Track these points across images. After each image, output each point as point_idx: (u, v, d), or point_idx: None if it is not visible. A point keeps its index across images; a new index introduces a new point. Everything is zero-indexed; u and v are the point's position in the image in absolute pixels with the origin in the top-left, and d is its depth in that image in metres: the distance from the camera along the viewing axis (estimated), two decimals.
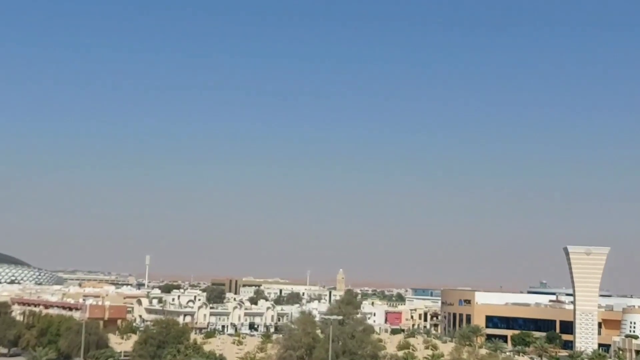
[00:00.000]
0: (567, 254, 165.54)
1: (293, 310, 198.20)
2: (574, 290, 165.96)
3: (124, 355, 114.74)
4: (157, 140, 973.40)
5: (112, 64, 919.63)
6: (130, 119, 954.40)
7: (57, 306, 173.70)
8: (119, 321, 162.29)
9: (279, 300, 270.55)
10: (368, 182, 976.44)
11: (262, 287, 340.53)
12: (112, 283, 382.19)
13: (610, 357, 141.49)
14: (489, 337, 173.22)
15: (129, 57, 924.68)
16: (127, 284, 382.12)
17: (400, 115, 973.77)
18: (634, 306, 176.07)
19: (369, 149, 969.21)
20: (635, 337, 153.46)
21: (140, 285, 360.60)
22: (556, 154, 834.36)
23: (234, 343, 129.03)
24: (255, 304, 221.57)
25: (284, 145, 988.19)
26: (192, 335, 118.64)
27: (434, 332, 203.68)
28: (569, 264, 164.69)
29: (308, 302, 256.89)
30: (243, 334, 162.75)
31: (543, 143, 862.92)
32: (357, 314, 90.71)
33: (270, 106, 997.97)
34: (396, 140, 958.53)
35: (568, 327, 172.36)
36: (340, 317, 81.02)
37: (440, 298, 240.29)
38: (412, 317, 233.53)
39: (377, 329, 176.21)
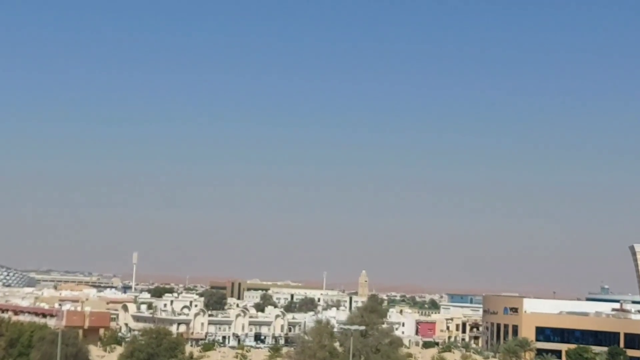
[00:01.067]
0: (633, 253, 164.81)
1: (307, 318, 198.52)
2: None
3: None
4: (148, 123, 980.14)
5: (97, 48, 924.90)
6: (116, 102, 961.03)
7: (29, 312, 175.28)
8: (101, 330, 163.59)
9: (290, 307, 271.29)
10: (395, 173, 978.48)
11: (270, 292, 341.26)
12: (94, 285, 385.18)
13: None
14: (540, 352, 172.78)
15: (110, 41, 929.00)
16: (111, 287, 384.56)
17: (442, 105, 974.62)
18: None
19: (396, 136, 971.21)
20: None
21: (126, 289, 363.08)
22: (618, 144, 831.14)
23: (236, 357, 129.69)
24: (262, 311, 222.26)
25: (296, 131, 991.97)
26: (188, 348, 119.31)
27: (473, 345, 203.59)
28: (636, 265, 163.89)
29: (324, 309, 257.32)
30: (247, 346, 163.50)
31: (602, 135, 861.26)
32: (383, 323, 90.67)
33: (288, 89, 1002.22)
34: (432, 129, 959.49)
35: (634, 340, 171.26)
36: (363, 328, 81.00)
37: (481, 306, 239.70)
38: (447, 327, 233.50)
39: (406, 341, 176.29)
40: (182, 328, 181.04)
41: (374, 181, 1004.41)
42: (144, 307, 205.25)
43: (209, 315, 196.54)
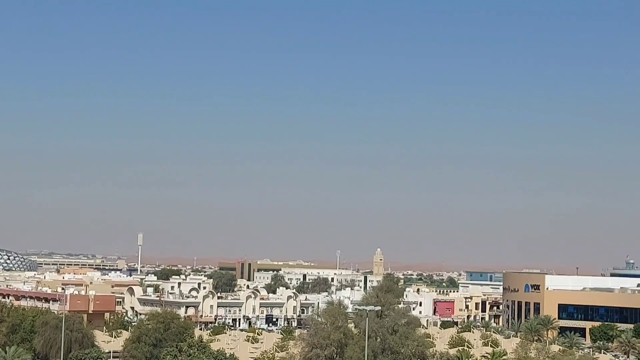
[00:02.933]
0: None
1: (320, 299, 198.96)
2: None
3: (113, 356, 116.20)
4: (153, 100, 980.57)
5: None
6: (118, 80, 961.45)
7: (31, 297, 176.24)
8: (106, 315, 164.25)
9: (302, 288, 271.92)
10: (411, 148, 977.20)
11: (281, 272, 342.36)
12: (98, 268, 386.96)
13: None
14: (563, 330, 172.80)
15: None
16: (116, 270, 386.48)
17: (458, 78, 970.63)
18: None
19: (413, 111, 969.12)
20: None
21: (131, 271, 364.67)
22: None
23: (247, 340, 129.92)
24: (274, 292, 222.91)
25: (307, 107, 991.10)
26: (197, 331, 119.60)
27: (494, 324, 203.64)
28: None
29: (338, 289, 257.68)
30: (259, 329, 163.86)
31: (626, 108, 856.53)
32: (399, 303, 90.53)
33: (301, 64, 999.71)
34: (449, 103, 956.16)
35: None
36: (379, 308, 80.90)
37: (501, 283, 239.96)
38: (467, 306, 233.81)
39: (423, 321, 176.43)
40: (191, 311, 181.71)
41: (388, 157, 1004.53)
42: (150, 290, 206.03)
43: (218, 298, 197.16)
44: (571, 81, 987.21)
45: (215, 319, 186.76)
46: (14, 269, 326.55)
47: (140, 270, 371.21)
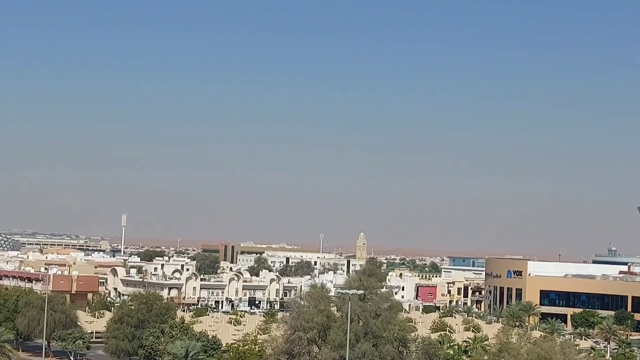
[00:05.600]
0: None
1: (303, 282, 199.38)
2: None
3: (96, 337, 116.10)
4: (139, 83, 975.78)
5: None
6: (106, 61, 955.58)
7: (14, 276, 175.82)
8: (89, 295, 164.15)
9: (285, 271, 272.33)
10: (394, 133, 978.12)
11: (264, 255, 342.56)
12: (81, 249, 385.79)
13: None
14: (544, 316, 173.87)
15: None
16: (99, 250, 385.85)
17: (442, 63, 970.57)
18: None
19: (397, 96, 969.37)
20: None
21: (115, 252, 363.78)
22: (625, 104, 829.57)
23: (230, 322, 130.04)
24: (257, 275, 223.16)
25: (291, 90, 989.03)
26: (179, 313, 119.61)
27: (476, 310, 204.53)
28: None
29: (321, 273, 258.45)
30: (241, 311, 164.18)
31: (607, 95, 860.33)
32: (382, 287, 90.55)
33: (285, 46, 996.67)
34: (433, 88, 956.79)
35: None
36: (361, 292, 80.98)
37: (484, 269, 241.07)
38: (449, 291, 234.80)
39: (406, 306, 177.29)
40: (174, 293, 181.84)
41: (372, 142, 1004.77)
42: (133, 271, 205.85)
43: (201, 280, 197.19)
44: (554, 68, 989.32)
45: (198, 301, 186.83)
46: None
47: (124, 252, 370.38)
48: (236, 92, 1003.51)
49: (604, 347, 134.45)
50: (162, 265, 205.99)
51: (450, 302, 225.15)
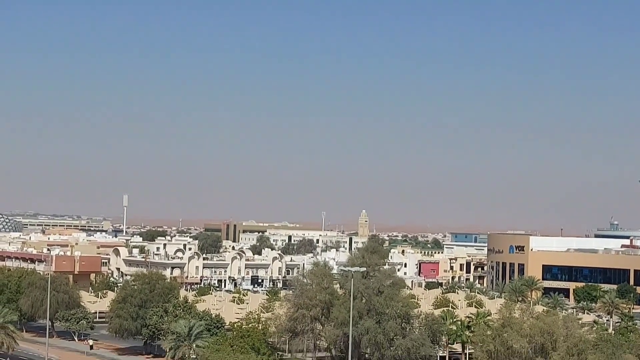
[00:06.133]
0: None
1: (305, 260, 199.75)
2: None
3: (99, 317, 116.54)
4: (138, 58, 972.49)
5: None
6: (103, 35, 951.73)
7: (16, 257, 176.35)
8: (92, 275, 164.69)
9: (287, 249, 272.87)
10: (395, 108, 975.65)
11: (266, 233, 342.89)
12: (83, 229, 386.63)
13: None
14: (547, 291, 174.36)
15: None
16: (101, 231, 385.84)
17: (441, 38, 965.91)
18: None
19: (398, 70, 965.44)
20: None
21: (117, 232, 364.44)
22: (627, 77, 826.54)
23: (233, 301, 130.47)
24: (259, 253, 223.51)
25: (293, 67, 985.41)
26: (182, 292, 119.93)
27: (478, 285, 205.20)
28: None
29: (323, 251, 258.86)
30: (244, 290, 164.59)
31: (610, 67, 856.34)
32: (384, 264, 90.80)
33: (286, 24, 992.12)
34: (432, 62, 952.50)
35: None
36: (364, 269, 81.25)
37: (486, 244, 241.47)
38: (451, 268, 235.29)
39: (408, 282, 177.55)
40: (176, 272, 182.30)
41: (373, 118, 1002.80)
42: (136, 251, 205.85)
43: (204, 259, 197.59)
44: (563, 39, 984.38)
45: (201, 280, 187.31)
46: None
47: (126, 232, 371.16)
48: (239, 66, 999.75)
49: (607, 320, 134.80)
50: (165, 245, 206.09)
51: (453, 278, 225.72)
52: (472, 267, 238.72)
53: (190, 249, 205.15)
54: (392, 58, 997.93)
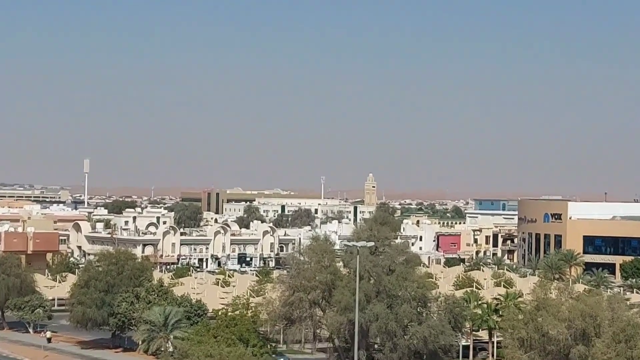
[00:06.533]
0: None
1: (302, 234, 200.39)
2: None
3: (58, 304, 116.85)
4: (103, 10, 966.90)
5: None
6: None
7: None
8: (48, 256, 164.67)
9: (280, 222, 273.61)
10: (406, 50, 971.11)
11: (255, 203, 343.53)
12: (37, 200, 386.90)
13: None
14: (589, 266, 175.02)
15: None
16: (59, 202, 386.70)
17: None
18: None
19: (411, 19, 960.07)
20: None
21: (77, 204, 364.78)
22: None
23: (217, 283, 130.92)
24: (247, 227, 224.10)
25: (286, 16, 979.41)
26: (156, 274, 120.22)
27: (507, 261, 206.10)
28: None
29: (323, 223, 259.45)
30: (230, 270, 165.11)
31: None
32: (396, 238, 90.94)
33: None
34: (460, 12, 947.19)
35: None
36: (372, 244, 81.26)
37: (516, 213, 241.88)
38: (475, 241, 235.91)
39: (424, 259, 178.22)
40: (149, 250, 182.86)
41: (380, 65, 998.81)
42: (100, 225, 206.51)
43: (181, 234, 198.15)
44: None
45: (178, 259, 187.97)
46: None
47: (88, 203, 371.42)
48: (219, 19, 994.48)
49: None
50: (134, 218, 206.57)
51: (477, 253, 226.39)
52: (500, 240, 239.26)
53: (164, 222, 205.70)
54: (400, 12, 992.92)
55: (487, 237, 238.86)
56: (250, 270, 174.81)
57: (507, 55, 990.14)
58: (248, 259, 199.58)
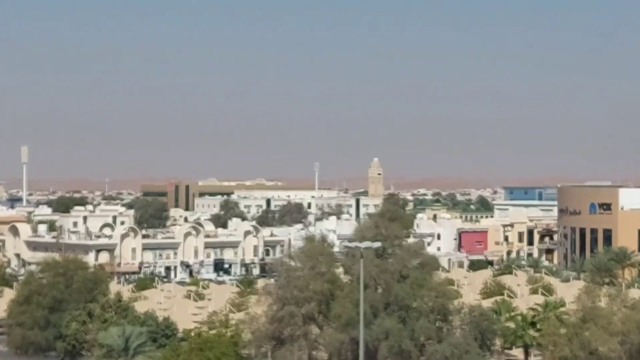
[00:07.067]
0: None
1: (292, 234, 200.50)
2: None
3: None
4: None
5: None
6: None
7: None
8: None
9: (265, 219, 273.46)
10: (419, 16, 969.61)
11: (234, 197, 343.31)
12: None
13: None
14: None
15: None
16: None
17: None
18: None
19: None
20: None
21: (14, 201, 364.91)
22: None
23: (188, 297, 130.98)
24: (224, 226, 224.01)
25: None
26: (114, 286, 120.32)
27: (546, 263, 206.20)
28: None
29: (318, 219, 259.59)
30: (204, 280, 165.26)
31: None
32: (408, 237, 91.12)
33: None
34: None
35: None
36: (379, 244, 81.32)
37: (555, 203, 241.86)
38: (506, 238, 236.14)
39: (444, 262, 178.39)
40: (104, 257, 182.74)
41: (387, 29, 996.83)
42: (42, 228, 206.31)
43: (144, 237, 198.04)
44: None
45: (140, 268, 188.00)
46: None
47: (27, 200, 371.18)
48: None
49: None
50: (85, 217, 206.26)
51: (509, 253, 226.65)
52: (537, 237, 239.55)
53: (122, 222, 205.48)
54: None
55: (520, 234, 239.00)
56: (230, 280, 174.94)
57: (541, 24, 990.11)
58: (226, 265, 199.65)
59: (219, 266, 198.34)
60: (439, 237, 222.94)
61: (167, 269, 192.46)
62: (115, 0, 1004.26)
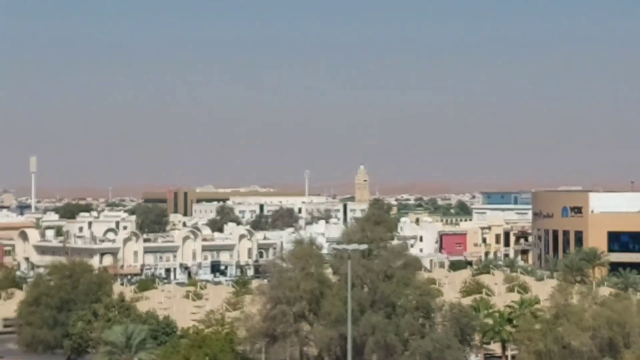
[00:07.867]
0: None
1: (284, 237, 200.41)
2: None
3: (4, 325, 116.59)
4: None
5: None
6: None
7: None
8: None
9: (259, 223, 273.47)
10: (399, 22, 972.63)
11: (229, 203, 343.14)
12: None
13: None
14: (615, 266, 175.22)
15: None
16: (1, 207, 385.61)
17: None
18: None
19: None
20: None
21: (23, 208, 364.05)
22: None
23: (187, 297, 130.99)
24: (220, 230, 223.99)
25: None
26: (117, 287, 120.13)
27: (521, 263, 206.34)
28: None
29: (308, 223, 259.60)
30: (202, 281, 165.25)
31: None
32: (393, 239, 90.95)
33: None
34: None
35: None
36: (365, 246, 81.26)
37: (530, 207, 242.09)
38: (484, 240, 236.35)
39: (426, 262, 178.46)
40: (108, 260, 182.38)
41: (370, 45, 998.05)
42: (50, 233, 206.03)
43: (145, 241, 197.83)
44: None
45: (142, 270, 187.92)
46: None
47: (36, 207, 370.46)
48: None
49: None
50: (90, 223, 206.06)
51: (487, 254, 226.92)
52: (513, 239, 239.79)
53: (125, 227, 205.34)
54: None
55: (497, 236, 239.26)
56: (226, 281, 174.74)
57: (518, 28, 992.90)
58: (222, 267, 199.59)
59: (216, 268, 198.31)
60: (421, 239, 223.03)
61: (167, 270, 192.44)
62: (122, 15, 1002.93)
